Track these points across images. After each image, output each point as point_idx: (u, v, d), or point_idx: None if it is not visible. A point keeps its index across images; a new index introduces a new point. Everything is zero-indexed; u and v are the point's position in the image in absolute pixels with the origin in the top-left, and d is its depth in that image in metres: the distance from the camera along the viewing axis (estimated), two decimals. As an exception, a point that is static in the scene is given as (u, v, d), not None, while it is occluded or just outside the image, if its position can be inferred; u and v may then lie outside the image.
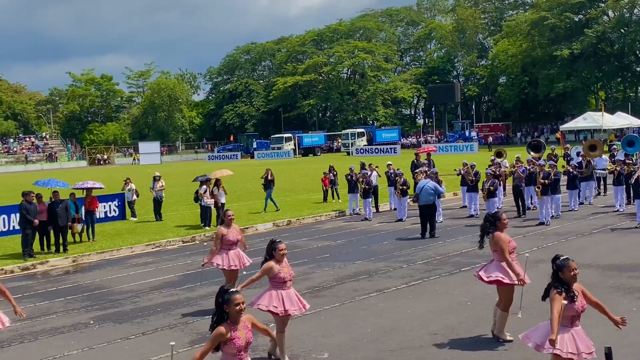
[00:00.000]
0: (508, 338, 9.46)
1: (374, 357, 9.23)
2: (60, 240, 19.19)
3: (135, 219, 26.01)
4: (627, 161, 22.18)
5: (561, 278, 6.86)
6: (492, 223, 9.69)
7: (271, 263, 9.02)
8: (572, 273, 6.85)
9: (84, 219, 21.16)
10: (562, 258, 6.95)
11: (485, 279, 9.57)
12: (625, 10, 78.55)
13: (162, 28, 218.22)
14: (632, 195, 21.11)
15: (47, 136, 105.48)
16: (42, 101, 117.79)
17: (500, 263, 9.55)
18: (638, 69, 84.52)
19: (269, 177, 26.16)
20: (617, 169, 21.67)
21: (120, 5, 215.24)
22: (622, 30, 78.69)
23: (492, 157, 26.09)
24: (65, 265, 17.98)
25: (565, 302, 6.71)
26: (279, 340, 8.95)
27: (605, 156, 27.73)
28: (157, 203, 25.53)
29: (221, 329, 6.07)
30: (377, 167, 26.09)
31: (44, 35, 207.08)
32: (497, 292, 9.75)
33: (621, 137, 49.53)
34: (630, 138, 27.74)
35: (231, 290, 6.20)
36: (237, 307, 6.09)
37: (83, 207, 21.53)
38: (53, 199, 19.26)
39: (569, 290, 6.83)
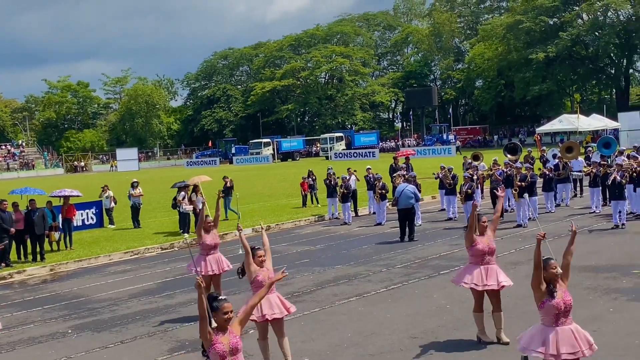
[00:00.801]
0: (505, 340, 9.49)
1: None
2: (38, 249, 19.02)
3: (113, 226, 25.84)
4: (602, 162, 22.40)
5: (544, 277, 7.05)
6: None
7: (254, 264, 8.91)
8: (553, 271, 7.02)
9: (61, 227, 20.99)
10: (544, 258, 7.16)
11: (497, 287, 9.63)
12: (599, 13, 79.41)
13: (138, 34, 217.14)
14: (608, 197, 21.35)
15: (24, 144, 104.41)
16: (17, 108, 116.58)
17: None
18: (612, 71, 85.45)
19: (228, 185, 26.00)
20: (593, 170, 21.88)
21: (96, 12, 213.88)
22: (597, 33, 79.54)
23: (469, 161, 26.20)
24: (42, 274, 17.81)
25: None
26: (262, 347, 8.92)
27: (581, 158, 28.00)
28: (135, 210, 25.40)
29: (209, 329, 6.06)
30: (355, 170, 26.14)
31: (19, 42, 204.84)
32: (475, 296, 9.72)
33: (597, 139, 50.05)
34: (607, 140, 28.04)
35: (220, 298, 6.17)
36: (225, 316, 6.06)
37: (60, 215, 21.35)
38: (30, 207, 19.08)
39: (548, 285, 6.99)
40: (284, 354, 8.87)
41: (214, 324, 6.00)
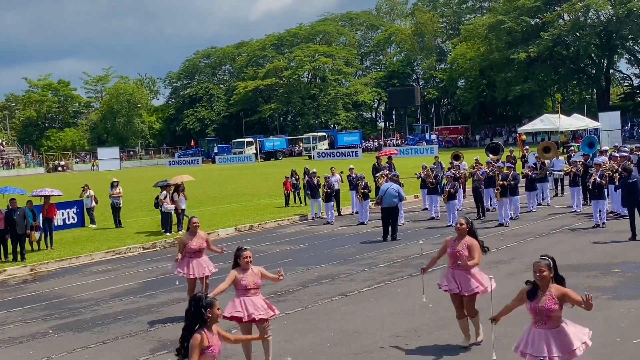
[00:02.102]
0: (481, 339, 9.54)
1: (337, 360, 9.24)
2: (18, 249, 18.85)
3: (94, 226, 25.67)
4: (580, 161, 22.60)
5: None
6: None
7: (234, 272, 8.86)
8: (536, 274, 7.11)
9: (41, 226, 20.81)
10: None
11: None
12: (580, 13, 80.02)
13: (120, 33, 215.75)
14: (588, 197, 21.50)
15: (4, 143, 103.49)
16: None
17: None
18: (593, 71, 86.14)
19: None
20: (573, 170, 22.06)
21: (77, 10, 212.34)
22: (577, 34, 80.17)
23: (450, 160, 26.32)
24: (23, 273, 17.66)
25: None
26: (246, 349, 8.90)
27: (562, 157, 28.20)
28: (115, 210, 25.22)
29: (198, 337, 5.99)
30: (341, 172, 26.16)
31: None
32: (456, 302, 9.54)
33: (577, 140, 50.41)
34: (591, 139, 28.24)
35: (208, 295, 6.27)
36: (219, 311, 6.21)
37: (41, 215, 21.17)
38: (10, 207, 18.90)
39: (532, 286, 7.09)
40: (265, 355, 8.85)
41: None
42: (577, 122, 56.27)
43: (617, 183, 18.81)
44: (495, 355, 8.42)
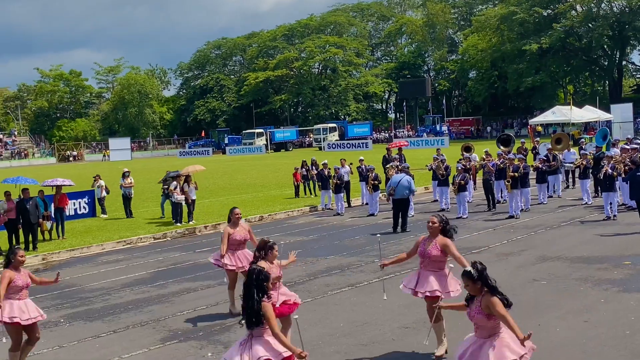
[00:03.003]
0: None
1: (346, 351, 9.27)
2: (30, 238, 18.97)
3: (105, 215, 25.80)
4: (591, 152, 22.52)
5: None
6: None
7: (262, 263, 8.76)
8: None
9: (53, 216, 20.93)
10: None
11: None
12: (592, 4, 79.48)
13: (131, 23, 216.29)
14: (599, 189, 21.43)
15: (16, 133, 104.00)
16: (9, 97, 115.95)
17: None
18: (605, 63, 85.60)
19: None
20: (583, 162, 21.98)
21: (88, 0, 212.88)
22: (590, 25, 79.60)
23: (442, 155, 26.15)
24: (34, 263, 17.78)
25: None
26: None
27: (574, 149, 28.09)
28: (126, 199, 25.33)
29: (269, 304, 6.68)
30: (351, 163, 26.17)
31: (10, 30, 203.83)
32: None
33: (588, 132, 50.14)
34: (605, 132, 28.11)
35: (262, 266, 7.05)
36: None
37: (52, 205, 21.29)
38: (22, 197, 19.02)
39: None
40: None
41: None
42: (589, 114, 55.92)
43: (623, 175, 18.76)
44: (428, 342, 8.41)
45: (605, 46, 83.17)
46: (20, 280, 8.98)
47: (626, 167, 19.07)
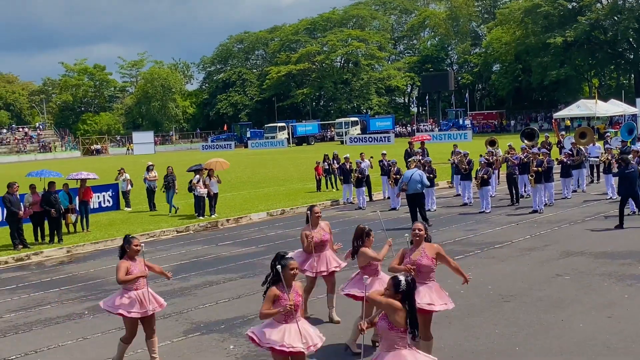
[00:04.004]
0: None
1: (367, 343, 9.27)
2: (55, 231, 19.17)
3: (129, 209, 26.00)
4: (617, 147, 22.29)
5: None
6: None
7: (366, 249, 9.10)
8: (292, 272, 6.95)
9: (77, 209, 21.13)
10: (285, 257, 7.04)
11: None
12: (618, -3, 78.61)
13: (154, 17, 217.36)
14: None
15: (41, 126, 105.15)
16: (35, 91, 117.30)
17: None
18: (631, 56, 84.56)
19: (169, 175, 24.48)
20: (608, 157, 21.76)
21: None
22: (616, 18, 78.67)
23: (459, 150, 26.02)
24: (59, 255, 17.97)
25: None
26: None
27: (599, 144, 27.82)
28: (150, 193, 25.52)
29: (274, 289, 6.85)
30: (371, 157, 26.11)
31: (35, 25, 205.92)
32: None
33: (614, 126, 49.58)
34: (630, 126, 27.82)
35: (287, 256, 7.01)
36: (292, 272, 6.90)
37: (77, 198, 21.50)
38: (48, 189, 19.22)
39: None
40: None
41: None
42: (615, 107, 55.30)
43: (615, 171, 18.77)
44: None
45: (631, 39, 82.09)
46: (137, 270, 8.76)
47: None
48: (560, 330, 9.32)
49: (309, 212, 10.59)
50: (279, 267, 6.86)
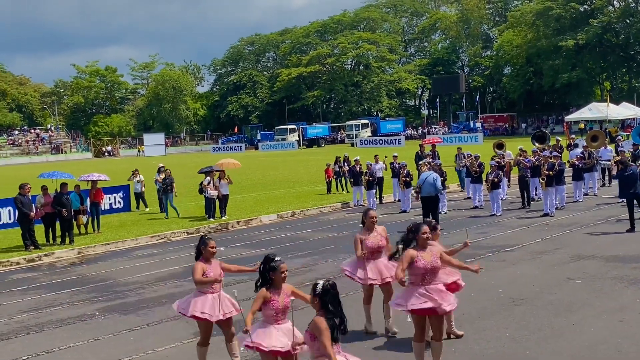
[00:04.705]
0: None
1: (380, 346, 9.28)
2: (66, 232, 19.25)
3: (148, 209, 26.05)
4: (629, 151, 22.18)
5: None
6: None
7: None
8: (282, 275, 7.02)
9: (89, 210, 21.21)
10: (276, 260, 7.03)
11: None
12: (630, 0, 78.17)
13: (165, 19, 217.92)
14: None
15: (53, 128, 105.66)
16: (46, 93, 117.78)
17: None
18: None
19: (166, 176, 24.12)
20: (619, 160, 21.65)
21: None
22: (628, 21, 78.33)
23: (468, 152, 26.01)
24: (70, 256, 18.05)
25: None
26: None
27: (611, 147, 27.69)
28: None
29: (264, 290, 6.98)
30: (386, 157, 26.12)
31: (46, 27, 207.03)
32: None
33: (625, 129, 49.35)
34: None
35: (277, 258, 7.03)
36: (282, 275, 6.99)
37: (88, 199, 21.58)
38: (60, 191, 19.31)
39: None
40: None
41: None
42: (626, 110, 55.17)
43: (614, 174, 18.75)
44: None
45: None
46: (212, 272, 8.39)
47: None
48: (572, 334, 9.28)
49: (363, 215, 9.89)
50: (269, 270, 7.01)
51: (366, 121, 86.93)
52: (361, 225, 9.91)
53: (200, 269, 8.39)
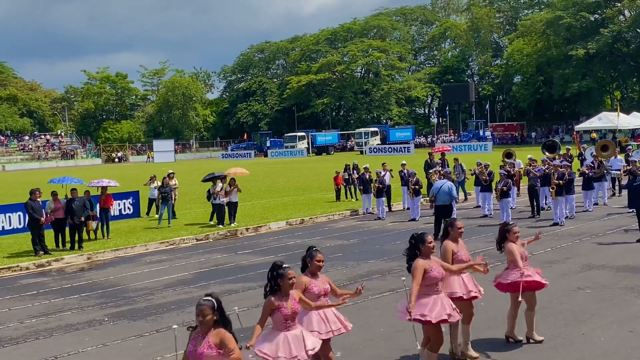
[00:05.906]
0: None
1: (387, 355, 9.25)
2: (76, 238, 19.32)
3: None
4: (638, 160, 22.07)
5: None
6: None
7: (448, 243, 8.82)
8: (290, 281, 6.99)
9: (98, 216, 21.27)
10: (284, 266, 7.04)
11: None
12: (641, 9, 78.07)
13: (175, 26, 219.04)
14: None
15: (63, 134, 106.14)
16: (57, 99, 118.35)
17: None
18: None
19: (171, 182, 24.20)
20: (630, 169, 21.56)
21: (132, 3, 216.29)
22: (638, 30, 78.15)
23: (502, 158, 26.02)
24: (80, 262, 18.10)
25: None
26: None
27: (621, 157, 27.58)
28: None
29: (272, 299, 6.94)
30: (391, 170, 26.11)
31: (57, 33, 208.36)
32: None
33: (636, 139, 49.16)
34: None
35: (284, 265, 7.01)
36: (290, 281, 6.96)
37: (98, 205, 21.64)
38: (70, 196, 19.39)
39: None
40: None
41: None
42: (636, 120, 55.01)
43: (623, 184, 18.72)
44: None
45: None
46: (317, 288, 7.64)
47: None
48: (581, 344, 9.24)
49: (449, 227, 9.35)
50: (277, 277, 6.99)
51: (375, 129, 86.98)
52: (446, 237, 9.41)
53: (302, 284, 7.58)
